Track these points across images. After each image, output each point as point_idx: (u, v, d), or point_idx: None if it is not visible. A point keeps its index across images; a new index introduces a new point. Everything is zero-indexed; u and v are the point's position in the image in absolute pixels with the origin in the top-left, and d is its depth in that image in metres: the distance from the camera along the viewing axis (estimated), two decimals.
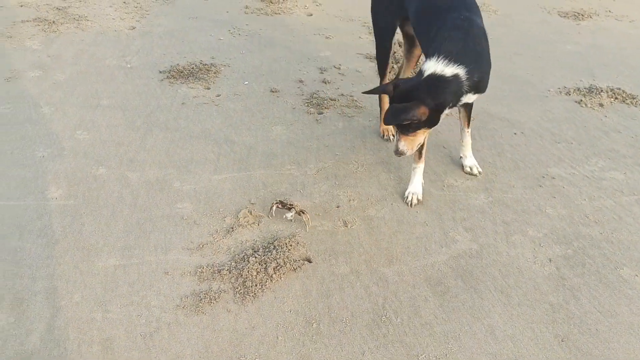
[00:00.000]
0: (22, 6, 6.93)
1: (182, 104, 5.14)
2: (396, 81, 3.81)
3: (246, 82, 5.50)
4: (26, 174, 4.24)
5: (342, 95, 5.34)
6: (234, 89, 5.39)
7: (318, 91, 5.29)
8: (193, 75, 5.56)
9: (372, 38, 6.20)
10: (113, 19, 6.72)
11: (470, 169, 4.35)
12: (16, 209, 3.93)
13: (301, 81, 5.51)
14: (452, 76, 3.55)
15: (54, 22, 6.52)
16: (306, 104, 5.17)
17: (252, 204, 4.04)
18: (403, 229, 3.84)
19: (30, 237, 3.71)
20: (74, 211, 3.93)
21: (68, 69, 5.65)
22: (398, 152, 3.74)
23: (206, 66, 5.72)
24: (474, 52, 3.65)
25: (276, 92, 5.34)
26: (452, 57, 3.54)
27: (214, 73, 5.63)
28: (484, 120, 4.99)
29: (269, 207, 3.94)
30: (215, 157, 4.48)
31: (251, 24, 6.66)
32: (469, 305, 3.29)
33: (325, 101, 5.15)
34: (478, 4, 3.99)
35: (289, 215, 3.89)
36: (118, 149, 4.55)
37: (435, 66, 3.56)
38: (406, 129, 3.65)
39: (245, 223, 3.86)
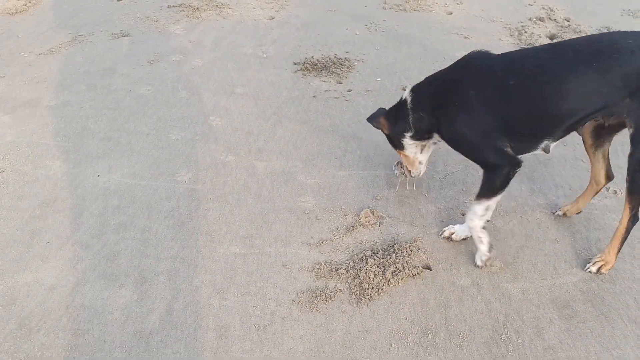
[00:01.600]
0: None
1: (313, 96, 5.13)
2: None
3: (379, 79, 5.42)
4: (160, 155, 4.38)
5: None
6: (366, 85, 5.32)
7: None
8: (326, 69, 5.54)
9: (512, 40, 5.95)
10: (254, 8, 6.83)
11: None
12: (147, 188, 4.06)
13: None
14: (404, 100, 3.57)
15: (197, 8, 6.71)
16: None
17: (377, 200, 3.96)
18: (531, 244, 3.64)
19: (158, 217, 3.82)
20: (201, 195, 4.00)
21: (207, 54, 5.79)
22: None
23: (340, 60, 5.69)
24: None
25: None
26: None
27: (347, 67, 5.58)
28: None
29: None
30: (341, 153, 4.44)
31: (388, 20, 6.56)
32: (598, 333, 3.06)
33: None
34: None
35: (396, 172, 4.01)
36: (248, 137, 4.61)
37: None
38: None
39: (367, 223, 3.80)
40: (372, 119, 3.81)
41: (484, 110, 3.16)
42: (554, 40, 5.64)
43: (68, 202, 3.96)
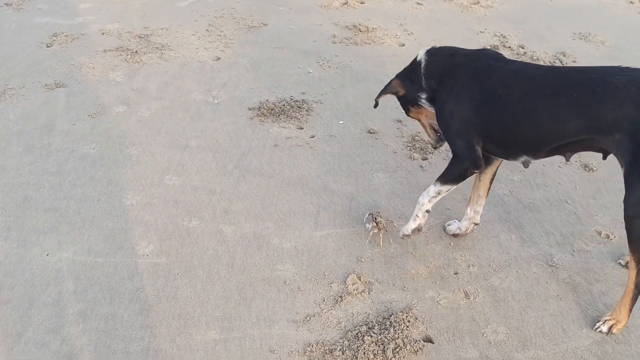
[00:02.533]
0: (103, 34, 6.72)
1: (275, 145, 4.79)
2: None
3: (341, 122, 5.12)
4: (115, 225, 3.95)
5: None
6: (329, 129, 5.01)
7: (420, 133, 4.85)
8: (284, 113, 5.21)
9: None
10: (197, 48, 6.44)
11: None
12: (106, 266, 3.63)
13: (400, 121, 5.10)
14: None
15: (136, 51, 6.27)
16: (408, 148, 4.76)
17: (361, 262, 3.67)
18: (534, 303, 3.39)
19: (122, 301, 3.40)
20: (167, 271, 3.60)
21: (153, 104, 5.37)
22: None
23: (297, 103, 5.37)
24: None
25: (374, 133, 4.95)
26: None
27: (306, 110, 5.26)
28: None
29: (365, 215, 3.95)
30: (315, 210, 4.11)
31: (340, 55, 6.28)
32: None
33: (429, 145, 4.71)
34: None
35: (369, 227, 3.82)
36: (210, 197, 4.22)
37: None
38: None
39: (355, 291, 3.48)
40: (383, 91, 3.75)
41: (472, 104, 3.27)
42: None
43: (15, 290, 3.50)
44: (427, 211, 3.61)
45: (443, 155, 4.67)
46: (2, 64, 6.06)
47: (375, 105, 3.86)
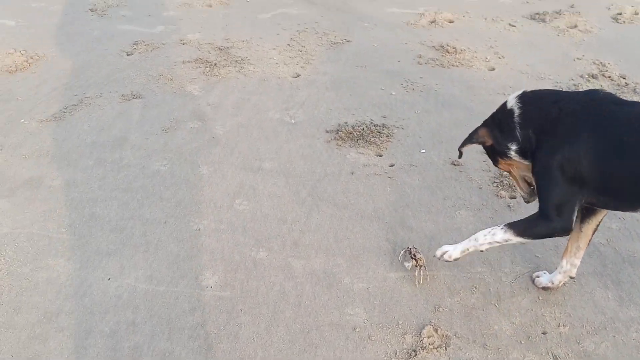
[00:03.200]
0: (183, 44, 6.62)
1: (352, 173, 4.52)
2: None
3: (423, 151, 4.81)
4: (180, 251, 3.77)
5: None
6: (410, 158, 4.71)
7: None
8: (363, 138, 4.94)
9: None
10: (277, 63, 6.25)
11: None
12: (167, 296, 3.45)
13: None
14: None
15: (215, 64, 6.13)
16: (495, 184, 4.41)
17: (439, 312, 3.36)
18: None
19: (181, 337, 3.19)
20: (230, 306, 3.38)
21: (228, 120, 5.19)
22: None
23: (377, 127, 5.09)
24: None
25: (458, 165, 4.61)
26: None
27: (386, 136, 4.98)
28: None
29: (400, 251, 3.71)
30: (390, 247, 3.82)
31: (425, 77, 5.97)
32: None
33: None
34: None
35: (407, 265, 3.57)
36: (281, 226, 3.99)
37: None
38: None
39: (430, 345, 3.17)
40: (467, 140, 3.40)
41: (590, 157, 2.85)
42: None
43: (74, 316, 3.34)
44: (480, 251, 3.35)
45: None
46: (81, 71, 6.03)
47: (460, 156, 3.50)
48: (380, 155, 4.77)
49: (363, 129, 5.05)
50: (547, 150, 2.99)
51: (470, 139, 3.38)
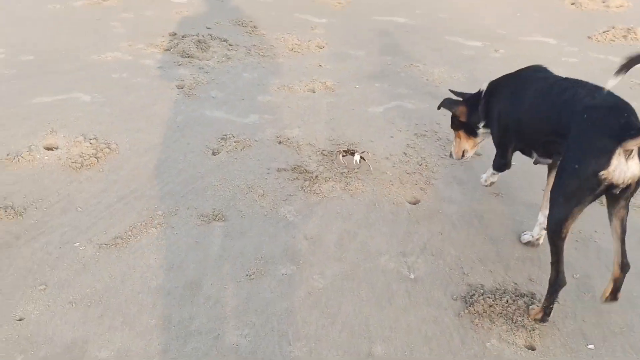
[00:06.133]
0: (280, 143, 5.59)
1: None
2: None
3: (590, 346, 3.51)
4: None
5: None
6: (574, 356, 3.40)
7: None
8: (507, 316, 3.71)
9: None
10: (390, 181, 5.08)
11: None
12: None
13: None
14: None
15: (317, 177, 5.05)
16: None
17: None
18: None
19: None
20: None
21: (330, 266, 4.11)
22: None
23: (525, 298, 3.82)
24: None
25: None
26: None
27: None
28: None
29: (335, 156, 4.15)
30: None
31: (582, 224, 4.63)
32: None
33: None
34: None
35: (357, 158, 4.46)
36: None
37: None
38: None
39: None
40: (447, 107, 4.50)
41: (506, 110, 3.98)
42: None
43: None
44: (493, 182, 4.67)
45: None
46: (157, 173, 5.03)
47: (439, 107, 4.59)
48: (533, 349, 3.50)
49: (507, 301, 3.79)
50: (492, 107, 4.08)
51: (450, 107, 4.43)
